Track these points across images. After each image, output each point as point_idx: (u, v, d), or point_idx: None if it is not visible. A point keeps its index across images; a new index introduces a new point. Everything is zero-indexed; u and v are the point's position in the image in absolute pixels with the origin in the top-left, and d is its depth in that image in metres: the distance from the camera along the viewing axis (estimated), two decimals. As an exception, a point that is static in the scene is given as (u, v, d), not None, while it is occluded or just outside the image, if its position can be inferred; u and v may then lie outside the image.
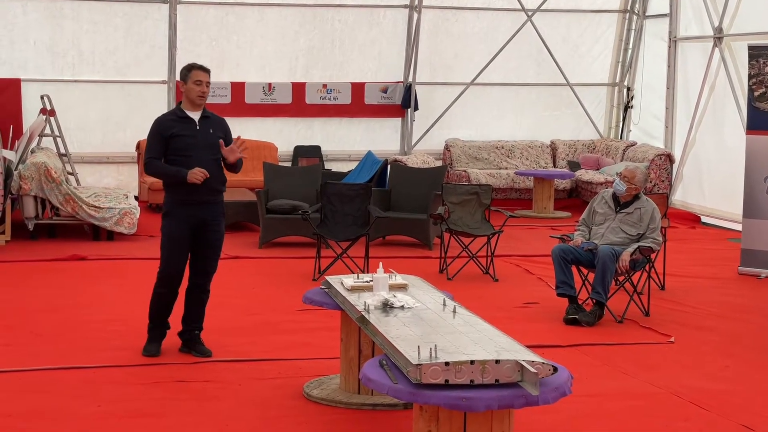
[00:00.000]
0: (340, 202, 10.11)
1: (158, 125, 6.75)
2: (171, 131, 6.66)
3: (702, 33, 14.23)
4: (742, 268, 10.30)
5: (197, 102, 6.70)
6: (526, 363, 4.37)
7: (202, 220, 6.71)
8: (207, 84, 6.71)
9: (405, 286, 6.08)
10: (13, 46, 14.00)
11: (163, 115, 6.89)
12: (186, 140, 6.65)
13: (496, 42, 15.53)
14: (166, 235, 6.77)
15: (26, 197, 11.16)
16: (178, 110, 6.77)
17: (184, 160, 6.62)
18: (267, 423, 5.63)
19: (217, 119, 6.84)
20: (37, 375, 6.42)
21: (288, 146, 15.05)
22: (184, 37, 14.54)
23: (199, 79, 6.67)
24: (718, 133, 13.87)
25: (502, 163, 15.52)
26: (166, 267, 6.77)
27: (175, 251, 6.74)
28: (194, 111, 6.73)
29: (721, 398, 6.21)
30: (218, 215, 6.80)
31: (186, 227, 6.69)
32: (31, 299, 8.59)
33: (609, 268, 7.98)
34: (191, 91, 6.69)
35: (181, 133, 6.66)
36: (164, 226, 6.77)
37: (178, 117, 6.72)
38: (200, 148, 6.65)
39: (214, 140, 6.70)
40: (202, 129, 6.71)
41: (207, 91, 6.71)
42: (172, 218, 6.71)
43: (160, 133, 6.70)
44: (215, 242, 6.83)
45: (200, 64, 6.80)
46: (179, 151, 6.65)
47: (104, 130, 14.47)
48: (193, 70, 6.72)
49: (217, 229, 6.80)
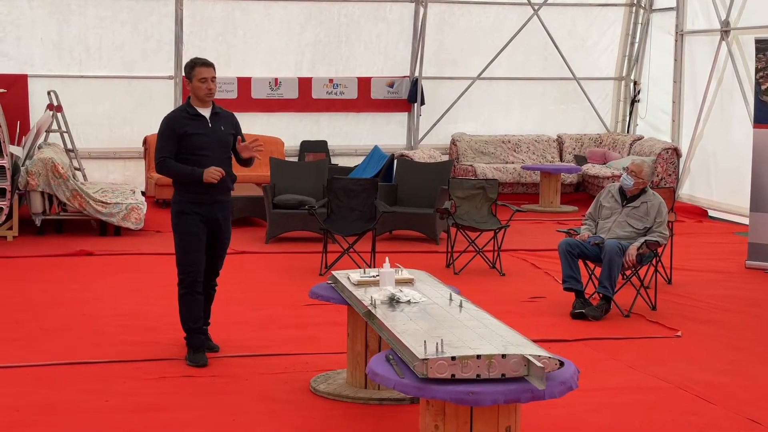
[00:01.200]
0: (346, 197, 10.11)
1: (171, 122, 6.52)
2: (184, 129, 6.46)
3: (709, 26, 14.20)
4: (749, 262, 10.29)
5: (206, 100, 6.52)
6: (532, 357, 4.37)
7: (214, 218, 6.58)
8: (212, 80, 6.49)
9: (411, 280, 6.08)
10: (20, 42, 14.02)
11: (174, 113, 6.65)
12: (200, 139, 6.47)
13: (503, 36, 15.51)
14: (182, 233, 6.53)
15: (33, 193, 11.18)
16: (188, 107, 6.55)
17: (198, 159, 6.45)
18: (274, 417, 5.64)
19: (226, 115, 6.68)
20: (44, 370, 6.43)
21: (294, 141, 15.06)
22: (190, 33, 14.55)
23: (203, 76, 6.46)
24: (725, 127, 13.84)
25: (509, 157, 15.51)
26: (188, 266, 6.52)
27: (194, 249, 6.51)
28: (204, 108, 6.55)
29: (728, 392, 6.21)
30: (229, 213, 6.72)
31: (201, 225, 6.52)
32: (39, 294, 8.61)
33: (616, 263, 7.97)
34: (198, 90, 6.48)
35: (195, 131, 6.47)
36: (178, 225, 6.55)
37: (189, 115, 6.51)
38: (213, 147, 6.49)
39: (226, 137, 6.58)
40: (214, 126, 6.54)
41: (214, 87, 6.51)
42: (187, 216, 6.50)
43: (173, 130, 6.48)
44: (225, 240, 6.72)
45: (203, 60, 6.58)
46: (193, 149, 6.46)
47: (111, 125, 14.48)
48: (196, 67, 6.49)
49: (227, 227, 6.69)
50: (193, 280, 6.56)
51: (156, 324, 7.57)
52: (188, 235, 6.52)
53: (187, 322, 6.64)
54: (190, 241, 6.53)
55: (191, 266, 6.54)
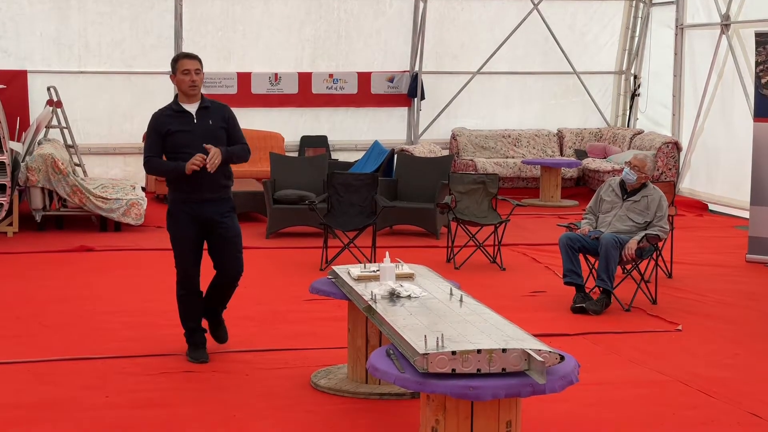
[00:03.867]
0: (346, 192, 10.11)
1: (154, 122, 6.38)
2: (167, 128, 6.31)
3: (709, 20, 14.19)
4: (749, 256, 10.29)
5: (189, 93, 6.32)
6: (533, 352, 4.37)
7: (208, 218, 6.41)
8: (196, 71, 6.29)
9: (412, 275, 6.08)
10: (20, 38, 14.01)
11: (159, 111, 6.45)
12: (183, 136, 6.29)
13: (503, 31, 15.50)
14: (172, 235, 6.48)
15: (33, 189, 11.17)
16: (174, 104, 6.40)
17: (183, 157, 6.24)
18: (274, 413, 5.64)
19: (217, 107, 6.45)
20: (45, 366, 6.44)
21: (294, 136, 15.06)
22: (190, 28, 14.54)
23: (186, 68, 6.28)
24: (725, 121, 13.84)
25: (509, 152, 15.50)
26: (181, 269, 6.49)
27: (184, 250, 6.45)
28: (190, 103, 6.37)
29: (729, 386, 6.20)
30: (226, 211, 6.47)
31: (191, 225, 6.40)
32: (39, 290, 8.61)
33: (612, 256, 7.96)
34: (181, 83, 6.30)
35: (178, 128, 6.30)
36: (169, 227, 6.48)
37: (174, 111, 6.36)
38: (199, 143, 6.24)
39: (214, 132, 6.36)
40: (200, 122, 6.34)
41: (197, 79, 6.30)
42: (176, 217, 6.43)
43: (156, 130, 6.35)
44: (231, 238, 6.46)
45: (186, 53, 6.46)
46: (177, 147, 6.29)
47: (111, 121, 14.47)
48: (179, 60, 6.34)
49: (227, 225, 6.44)
50: (188, 281, 6.51)
51: (156, 320, 7.57)
52: (178, 237, 6.47)
53: (187, 321, 6.62)
54: (180, 242, 6.47)
55: (184, 268, 6.50)
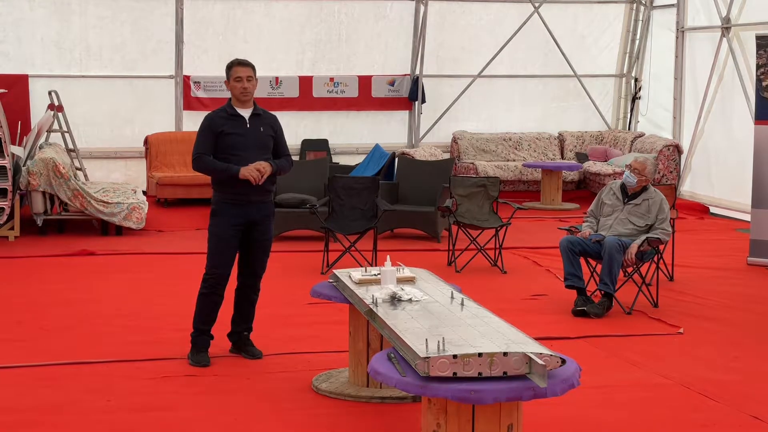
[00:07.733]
0: (347, 196, 10.11)
1: (209, 121, 6.55)
2: (221, 128, 6.48)
3: (710, 23, 14.19)
4: (751, 259, 10.28)
5: (242, 99, 6.51)
6: (534, 355, 4.37)
7: (251, 220, 6.54)
8: (248, 79, 6.49)
9: (413, 279, 6.07)
10: (21, 43, 14.03)
11: (214, 112, 6.65)
12: (236, 138, 6.46)
13: (503, 34, 15.50)
14: (214, 234, 6.53)
15: (35, 193, 11.18)
16: (228, 107, 6.58)
17: (234, 159, 6.42)
18: (276, 416, 5.64)
19: (268, 116, 6.66)
20: (46, 370, 6.44)
21: (295, 140, 15.04)
22: (191, 32, 14.55)
23: (238, 75, 6.49)
24: (726, 124, 13.84)
25: (510, 155, 15.50)
26: (213, 267, 6.53)
27: (223, 252, 6.53)
28: (244, 108, 6.55)
29: (730, 389, 6.20)
30: (268, 215, 6.64)
31: (235, 227, 6.51)
32: (41, 294, 8.61)
33: (615, 259, 7.97)
34: (234, 89, 6.51)
35: (232, 131, 6.47)
36: (212, 225, 6.55)
37: (228, 114, 6.53)
38: (250, 147, 6.46)
39: (264, 139, 6.56)
40: (252, 127, 6.53)
41: (249, 86, 6.50)
42: (221, 217, 6.51)
43: (210, 129, 6.50)
44: (264, 242, 6.65)
45: (240, 59, 6.62)
46: (229, 149, 6.46)
47: (112, 125, 14.49)
48: (233, 67, 6.54)
49: (266, 228, 6.62)
50: (215, 281, 6.57)
51: (158, 323, 7.57)
52: (218, 237, 6.54)
53: (199, 321, 6.64)
54: (219, 243, 6.54)
55: (217, 267, 6.55)
